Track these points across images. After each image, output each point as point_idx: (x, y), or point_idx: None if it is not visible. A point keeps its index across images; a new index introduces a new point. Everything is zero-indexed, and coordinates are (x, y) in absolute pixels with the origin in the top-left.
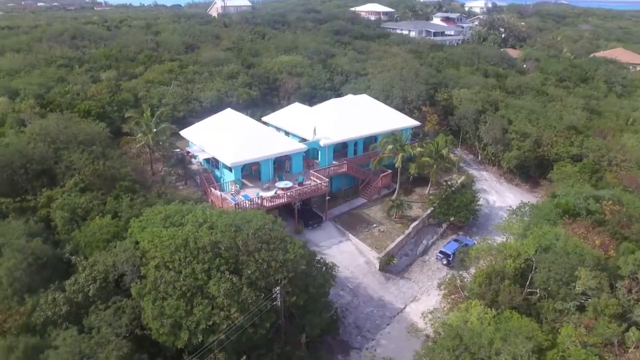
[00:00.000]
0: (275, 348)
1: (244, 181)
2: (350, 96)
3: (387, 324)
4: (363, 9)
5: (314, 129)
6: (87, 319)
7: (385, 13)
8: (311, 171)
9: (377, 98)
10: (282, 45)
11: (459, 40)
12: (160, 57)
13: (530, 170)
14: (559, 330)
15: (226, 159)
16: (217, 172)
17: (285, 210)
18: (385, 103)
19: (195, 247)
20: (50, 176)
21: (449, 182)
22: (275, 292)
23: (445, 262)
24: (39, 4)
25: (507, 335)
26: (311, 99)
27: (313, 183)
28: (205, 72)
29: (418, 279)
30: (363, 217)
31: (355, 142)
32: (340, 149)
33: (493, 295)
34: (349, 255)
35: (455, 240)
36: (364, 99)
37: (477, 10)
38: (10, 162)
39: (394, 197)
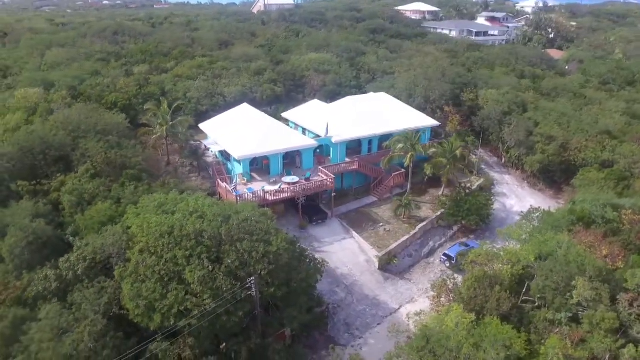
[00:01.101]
0: (252, 337)
1: (254, 175)
2: (369, 94)
3: (378, 324)
4: (408, 8)
5: (327, 126)
6: (71, 295)
7: (431, 12)
8: (320, 167)
9: (399, 97)
10: (314, 43)
11: (502, 40)
12: (192, 53)
13: (555, 176)
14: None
15: (235, 152)
16: (230, 165)
17: (292, 205)
18: (408, 102)
19: (180, 234)
20: (67, 162)
21: (464, 185)
22: (250, 282)
23: (448, 264)
24: (104, 2)
25: (480, 342)
26: (335, 97)
27: (320, 179)
28: (233, 68)
29: (418, 281)
30: (371, 215)
31: (370, 140)
32: (355, 147)
33: (482, 300)
34: (350, 253)
35: (462, 244)
36: (383, 97)
37: (529, 9)
38: (32, 148)
39: (404, 197)
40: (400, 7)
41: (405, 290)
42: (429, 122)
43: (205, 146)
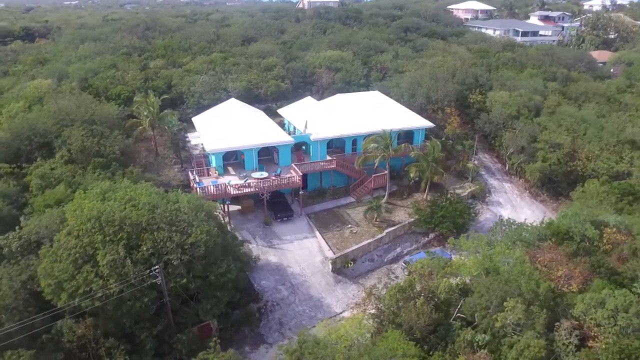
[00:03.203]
0: (159, 325)
1: (230, 169)
2: (361, 92)
3: (313, 326)
4: (460, 6)
5: (305, 123)
6: None
7: (485, 11)
8: (293, 164)
9: (401, 96)
10: (336, 41)
11: (554, 41)
12: (211, 49)
13: (559, 186)
14: None
15: (208, 145)
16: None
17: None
18: (410, 102)
19: (106, 220)
20: (49, 149)
21: (452, 191)
22: (154, 270)
23: (407, 272)
24: None
25: (363, 353)
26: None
27: (288, 176)
28: (242, 64)
29: (383, 285)
30: (343, 216)
31: (355, 140)
32: (339, 145)
33: (405, 313)
34: (307, 252)
35: (428, 252)
36: (375, 96)
37: (597, 8)
38: (20, 133)
39: (384, 200)
40: (452, 6)
41: (354, 295)
42: (422, 123)
43: (188, 139)
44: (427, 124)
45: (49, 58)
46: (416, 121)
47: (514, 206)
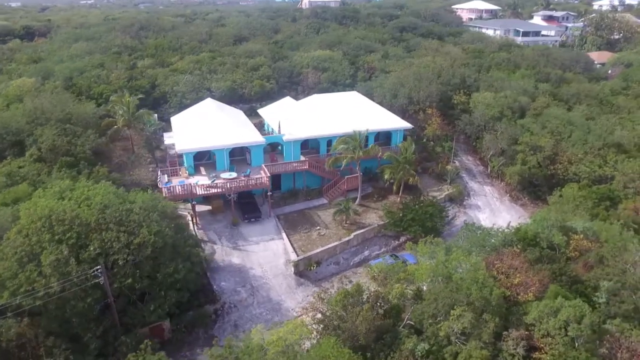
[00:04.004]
0: (104, 324)
1: (202, 169)
2: (340, 93)
3: (268, 329)
4: (464, 6)
5: (279, 123)
6: None
7: (490, 11)
8: (263, 165)
9: (384, 96)
10: (327, 40)
11: (556, 41)
12: (201, 48)
13: (540, 190)
14: None
15: (178, 145)
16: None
17: (235, 201)
18: (391, 102)
19: (56, 219)
20: (21, 147)
21: (428, 194)
22: (96, 270)
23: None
24: None
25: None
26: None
27: (257, 177)
28: (229, 63)
29: (336, 289)
30: (313, 218)
31: (330, 141)
32: (315, 146)
33: (350, 319)
34: (271, 254)
35: (393, 256)
36: (353, 97)
37: (607, 8)
38: None
39: (356, 202)
40: (457, 5)
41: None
42: (400, 124)
43: (164, 138)
44: (405, 125)
45: (43, 57)
46: (394, 122)
47: (493, 210)
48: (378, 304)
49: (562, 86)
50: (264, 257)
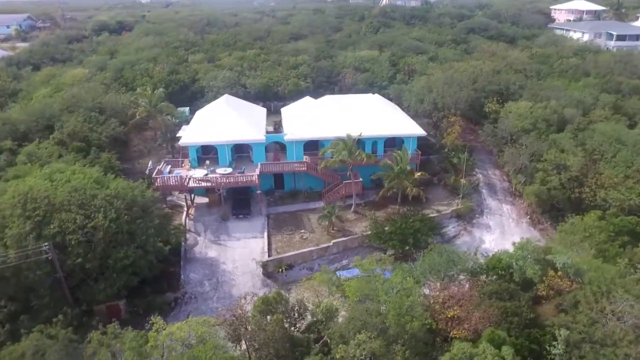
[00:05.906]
0: (53, 296)
1: (208, 162)
2: (358, 95)
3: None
4: (563, 7)
5: (278, 123)
6: None
7: (593, 12)
8: (259, 163)
9: (410, 101)
10: (379, 40)
11: None
12: (252, 45)
13: (564, 215)
14: None
15: (183, 138)
16: None
17: (231, 197)
18: (417, 107)
19: (31, 197)
20: (51, 131)
21: (433, 207)
22: (44, 247)
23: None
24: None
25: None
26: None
27: (249, 174)
28: (271, 60)
29: (300, 294)
30: (303, 220)
31: None
32: (318, 148)
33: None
34: (248, 252)
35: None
36: (370, 99)
37: None
38: (31, 115)
39: (352, 208)
40: (555, 6)
41: None
42: (414, 130)
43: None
44: (420, 132)
45: (118, 50)
46: (407, 128)
47: (504, 232)
48: (293, 315)
49: (631, 98)
50: (240, 254)
